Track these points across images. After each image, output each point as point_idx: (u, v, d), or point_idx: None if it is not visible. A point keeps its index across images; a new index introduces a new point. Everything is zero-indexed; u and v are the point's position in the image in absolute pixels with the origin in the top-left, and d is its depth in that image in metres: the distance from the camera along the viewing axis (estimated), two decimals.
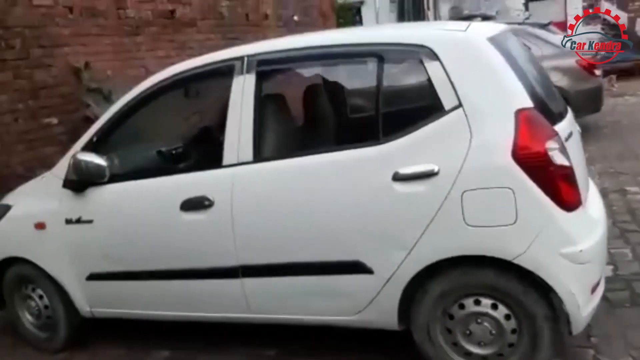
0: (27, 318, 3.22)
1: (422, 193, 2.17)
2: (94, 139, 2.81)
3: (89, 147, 2.79)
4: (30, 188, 3.22)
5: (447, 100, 2.17)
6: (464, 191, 2.11)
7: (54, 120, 4.80)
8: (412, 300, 2.33)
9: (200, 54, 7.30)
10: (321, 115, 2.86)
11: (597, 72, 6.52)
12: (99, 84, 5.06)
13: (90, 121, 4.82)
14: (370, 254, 2.31)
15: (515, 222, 2.08)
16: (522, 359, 2.24)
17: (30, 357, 3.19)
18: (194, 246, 2.59)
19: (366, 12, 16.44)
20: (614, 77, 10.12)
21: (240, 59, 2.53)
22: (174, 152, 3.13)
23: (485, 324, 2.25)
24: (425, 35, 2.29)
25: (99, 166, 2.67)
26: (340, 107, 3.04)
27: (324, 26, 11.42)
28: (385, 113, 2.29)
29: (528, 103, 2.13)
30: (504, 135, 2.09)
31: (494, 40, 2.25)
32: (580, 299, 2.12)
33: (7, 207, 3.12)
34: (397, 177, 2.19)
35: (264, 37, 8.98)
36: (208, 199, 2.50)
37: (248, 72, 2.49)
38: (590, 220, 2.25)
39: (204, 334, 3.08)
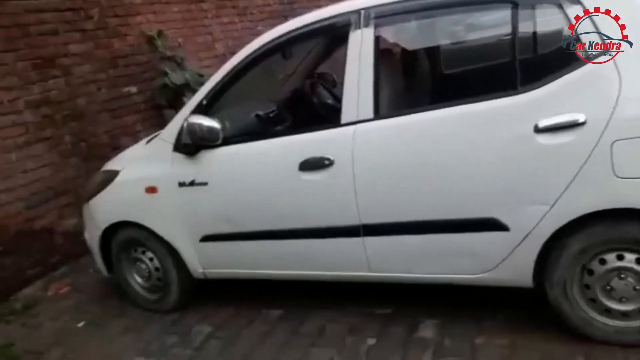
0: (137, 280, 3.30)
1: (567, 144, 2.07)
2: (204, 102, 2.79)
3: (199, 110, 2.78)
4: (136, 153, 3.26)
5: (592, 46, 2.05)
6: (614, 141, 2.01)
7: (133, 89, 4.84)
8: (548, 256, 2.26)
9: (261, 19, 7.20)
10: (447, 66, 2.75)
11: None
12: (172, 52, 5.06)
13: (168, 89, 4.88)
14: (506, 211, 2.24)
15: None
16: None
17: (141, 318, 3.28)
18: (313, 206, 2.58)
19: None
20: None
21: (357, 12, 2.45)
22: (284, 113, 3.09)
23: (629, 279, 2.18)
24: None
25: (212, 129, 2.66)
26: (469, 56, 2.93)
27: None
28: (522, 61, 2.17)
29: None
30: None
31: None
32: None
33: (115, 172, 3.15)
34: (540, 129, 2.10)
35: (319, 2, 8.81)
36: (328, 159, 2.47)
37: (365, 25, 2.41)
38: None
39: (315, 294, 3.10)
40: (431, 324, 2.70)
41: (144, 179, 2.99)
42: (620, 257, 2.18)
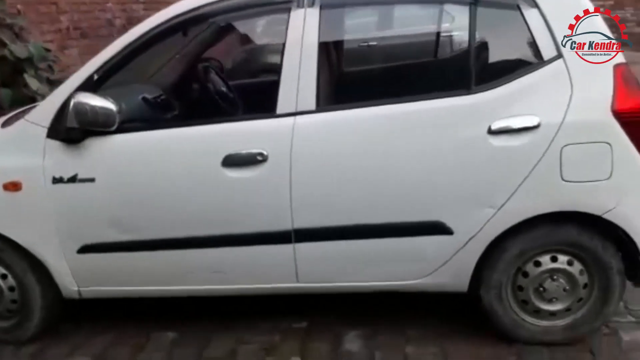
0: None
1: (520, 147, 2.05)
2: (95, 77, 2.24)
3: (87, 88, 2.22)
4: None
5: (547, 51, 2.07)
6: (564, 145, 2.04)
7: None
8: (487, 260, 2.23)
9: None
10: (399, 59, 2.57)
11: None
12: (11, 19, 4.14)
13: (6, 63, 3.98)
14: (453, 214, 2.15)
15: (610, 177, 2.06)
16: (590, 313, 2.28)
17: None
18: (238, 208, 2.21)
19: None
20: None
21: None
22: (196, 97, 2.63)
23: (561, 280, 2.23)
24: None
25: (108, 111, 2.14)
26: (422, 50, 2.77)
27: None
28: (478, 60, 2.11)
29: (622, 58, 2.10)
30: (604, 89, 2.05)
31: None
32: None
33: None
34: (494, 130, 2.05)
35: None
36: (261, 154, 2.13)
37: (310, 5, 2.14)
38: None
39: (212, 310, 2.70)
40: (355, 336, 2.51)
41: (2, 172, 2.30)
42: (554, 259, 2.22)
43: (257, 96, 2.35)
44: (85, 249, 2.35)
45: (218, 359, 2.42)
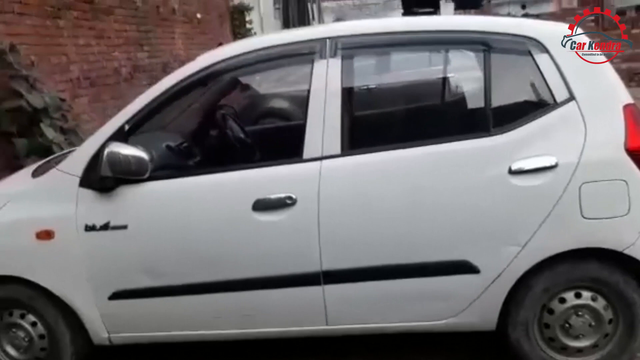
0: (9, 353, 2.54)
1: (540, 186, 2.13)
2: (125, 127, 2.32)
3: (118, 137, 2.30)
4: (19, 188, 2.56)
5: (559, 93, 2.17)
6: (582, 183, 2.12)
7: None
8: (513, 297, 2.27)
9: (117, 44, 6.60)
10: (418, 104, 2.68)
11: None
12: (26, 71, 4.26)
13: (23, 113, 4.07)
14: (478, 253, 2.20)
15: (627, 213, 2.13)
16: (617, 348, 2.30)
17: None
18: (267, 251, 2.26)
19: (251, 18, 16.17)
20: None
21: (321, 41, 2.28)
22: (224, 144, 2.71)
23: (586, 316, 2.27)
24: (532, 27, 2.26)
25: (140, 160, 2.21)
26: (439, 95, 2.88)
27: (221, 26, 11.10)
28: (495, 103, 2.21)
29: (630, 98, 2.21)
30: (616, 128, 2.14)
31: None
32: None
33: None
34: (515, 170, 2.13)
35: (172, 32, 8.40)
36: (290, 197, 2.20)
37: (332, 56, 2.26)
38: None
39: (243, 351, 2.71)
40: None
41: (33, 221, 2.35)
42: (578, 295, 2.27)
43: (278, 142, 2.43)
44: (116, 296, 2.37)
45: None
